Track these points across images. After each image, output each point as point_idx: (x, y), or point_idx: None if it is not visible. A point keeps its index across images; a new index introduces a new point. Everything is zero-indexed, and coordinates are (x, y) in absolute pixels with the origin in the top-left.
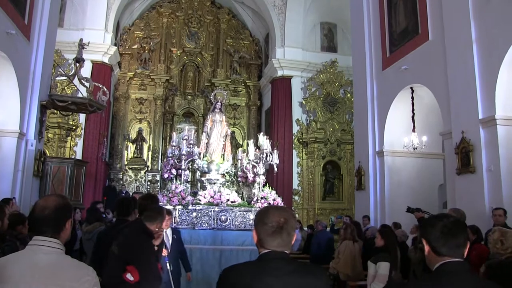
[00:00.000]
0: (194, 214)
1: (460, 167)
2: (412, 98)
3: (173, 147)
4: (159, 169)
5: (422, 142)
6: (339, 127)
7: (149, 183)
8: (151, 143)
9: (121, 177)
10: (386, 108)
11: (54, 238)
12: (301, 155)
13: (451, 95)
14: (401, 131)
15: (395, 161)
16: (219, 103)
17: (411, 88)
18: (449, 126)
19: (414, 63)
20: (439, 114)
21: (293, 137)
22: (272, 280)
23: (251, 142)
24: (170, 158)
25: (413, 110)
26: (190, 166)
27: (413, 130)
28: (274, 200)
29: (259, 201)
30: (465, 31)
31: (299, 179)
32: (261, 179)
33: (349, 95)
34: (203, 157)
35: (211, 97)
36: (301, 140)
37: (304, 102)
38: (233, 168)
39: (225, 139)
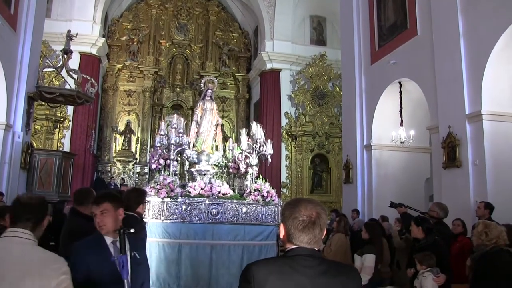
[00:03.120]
0: (184, 207)
1: (446, 161)
2: (400, 92)
3: (162, 136)
4: (148, 161)
5: (410, 136)
6: (328, 121)
7: (137, 175)
8: (139, 135)
9: (109, 169)
10: (374, 102)
11: (29, 230)
12: (289, 148)
13: (438, 90)
14: (389, 125)
15: (382, 155)
16: (209, 91)
17: (399, 82)
18: (436, 121)
19: (402, 57)
20: (426, 109)
21: (282, 130)
22: (303, 280)
23: (243, 131)
24: (158, 148)
25: (401, 104)
26: (179, 158)
27: (401, 124)
28: (268, 192)
29: (252, 193)
30: (452, 27)
31: (287, 172)
32: (254, 170)
33: (337, 88)
34: (193, 147)
35: (201, 84)
36: (289, 133)
37: (293, 95)
38: (223, 159)
39: (216, 128)
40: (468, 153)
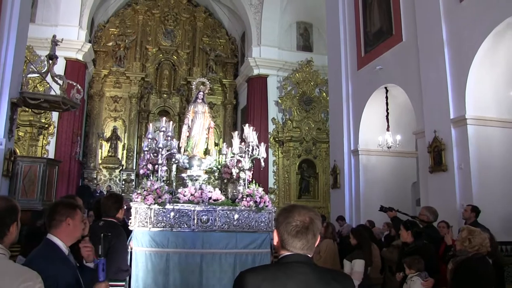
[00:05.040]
0: (172, 214)
1: (432, 165)
2: (387, 97)
3: (149, 140)
4: (134, 168)
5: (396, 141)
6: (315, 126)
7: (123, 182)
8: (126, 141)
9: (95, 176)
10: (361, 107)
11: None
12: (277, 153)
13: (423, 95)
14: (375, 130)
15: (369, 160)
16: (201, 93)
17: (386, 88)
18: (422, 126)
19: (388, 63)
20: (412, 114)
21: (269, 135)
22: (297, 287)
23: (235, 134)
24: (146, 152)
25: (387, 109)
26: (167, 163)
27: (387, 129)
28: (261, 197)
29: (244, 199)
30: (436, 33)
31: (275, 177)
32: (247, 174)
33: (324, 94)
34: (184, 152)
35: (193, 87)
36: (277, 139)
37: (280, 101)
38: (216, 164)
39: (208, 132)
40: (454, 157)
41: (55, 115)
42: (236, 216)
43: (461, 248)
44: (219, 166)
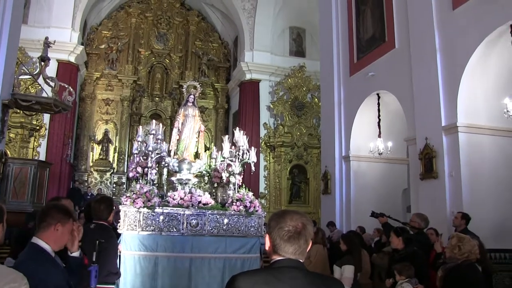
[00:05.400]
0: (162, 217)
1: (423, 172)
2: (378, 104)
3: (139, 143)
4: (125, 171)
5: (387, 148)
6: (306, 131)
7: (114, 185)
8: (117, 144)
9: (86, 179)
10: (352, 113)
11: None
12: (268, 158)
13: (415, 102)
14: (367, 136)
15: (360, 166)
16: (191, 96)
17: (378, 94)
18: (414, 133)
19: (380, 70)
20: (404, 121)
21: (260, 140)
22: None
23: (226, 138)
24: (136, 155)
25: (379, 116)
26: (157, 166)
27: (379, 136)
28: (251, 202)
29: (234, 203)
30: (429, 41)
31: (265, 182)
32: (237, 179)
33: (316, 99)
34: (174, 155)
35: (183, 90)
36: (268, 144)
37: (271, 106)
38: (207, 168)
39: (198, 136)
40: (445, 165)
41: (46, 117)
42: (225, 221)
43: (451, 255)
44: (209, 170)
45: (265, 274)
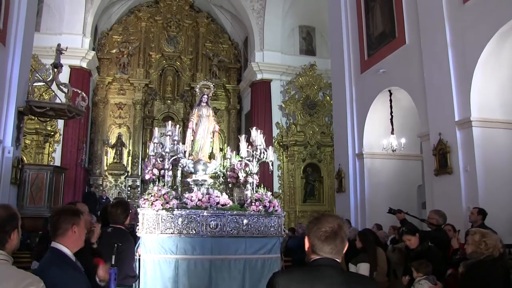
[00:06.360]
0: (180, 220)
1: (437, 168)
2: (390, 100)
3: (155, 144)
4: (139, 174)
5: (401, 144)
6: (319, 130)
7: (129, 188)
8: (130, 148)
9: (100, 183)
10: (365, 110)
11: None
12: (281, 158)
13: (427, 97)
14: (380, 133)
15: (374, 163)
16: (205, 96)
17: (389, 91)
18: (427, 128)
19: (391, 66)
20: (416, 117)
21: (273, 140)
22: None
23: (242, 137)
24: (152, 157)
25: (391, 112)
26: (172, 168)
27: (392, 132)
28: (270, 202)
29: (253, 203)
30: (440, 35)
31: (279, 182)
32: (254, 178)
33: (328, 98)
34: (189, 156)
35: (197, 90)
36: (281, 143)
37: (283, 105)
38: (221, 168)
39: (213, 136)
40: (459, 160)
41: (60, 123)
42: (245, 221)
43: (476, 250)
44: (224, 171)
45: (302, 272)
